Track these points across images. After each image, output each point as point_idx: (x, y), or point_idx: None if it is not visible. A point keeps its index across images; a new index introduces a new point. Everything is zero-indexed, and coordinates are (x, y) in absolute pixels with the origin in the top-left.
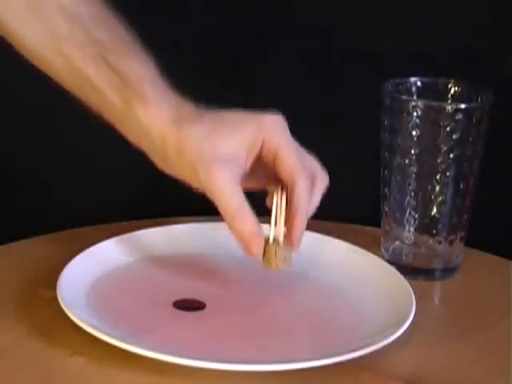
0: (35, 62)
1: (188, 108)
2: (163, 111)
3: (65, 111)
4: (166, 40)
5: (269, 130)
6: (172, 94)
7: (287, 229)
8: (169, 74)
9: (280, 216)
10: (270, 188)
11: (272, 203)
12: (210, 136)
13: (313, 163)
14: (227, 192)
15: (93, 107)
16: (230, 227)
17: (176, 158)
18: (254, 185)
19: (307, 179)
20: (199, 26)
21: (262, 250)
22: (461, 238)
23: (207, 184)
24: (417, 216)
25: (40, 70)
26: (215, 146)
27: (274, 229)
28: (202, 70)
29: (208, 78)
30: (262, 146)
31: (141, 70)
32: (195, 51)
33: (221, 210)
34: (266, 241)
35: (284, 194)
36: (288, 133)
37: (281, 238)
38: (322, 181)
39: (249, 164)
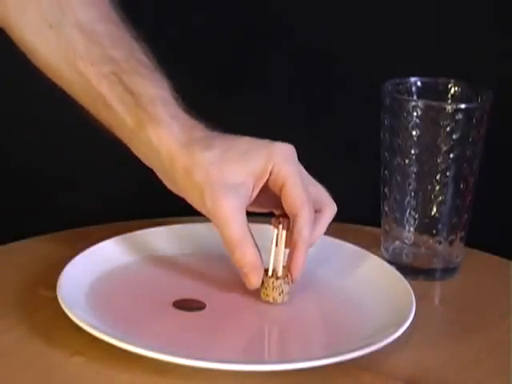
0: (50, 76)
1: (200, 131)
2: (174, 133)
3: (65, 111)
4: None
5: (278, 161)
6: (184, 115)
7: (287, 260)
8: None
9: (280, 247)
10: (275, 212)
11: (274, 229)
12: (219, 162)
13: (321, 192)
14: (231, 220)
15: (105, 124)
16: (231, 256)
17: (184, 181)
18: (258, 209)
19: (311, 212)
20: (197, 26)
21: (259, 282)
22: (461, 238)
23: (212, 210)
24: (417, 216)
25: (40, 71)
26: (223, 173)
27: (274, 260)
28: (202, 72)
29: (207, 76)
30: (270, 175)
31: (154, 90)
32: (193, 52)
33: (223, 237)
34: (266, 271)
35: (285, 225)
36: (297, 163)
37: (280, 271)
38: (330, 210)
39: (255, 193)
